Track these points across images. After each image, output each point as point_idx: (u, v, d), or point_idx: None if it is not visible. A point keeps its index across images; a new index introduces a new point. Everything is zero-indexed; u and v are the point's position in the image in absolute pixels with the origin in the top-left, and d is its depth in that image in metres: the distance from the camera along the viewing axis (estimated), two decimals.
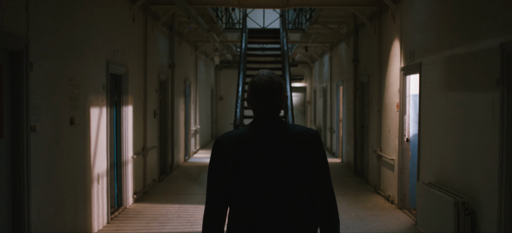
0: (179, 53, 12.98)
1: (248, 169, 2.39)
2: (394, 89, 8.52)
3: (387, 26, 9.05)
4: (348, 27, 12.75)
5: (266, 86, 2.42)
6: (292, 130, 2.46)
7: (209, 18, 12.54)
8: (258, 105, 2.46)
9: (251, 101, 2.48)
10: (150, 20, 9.75)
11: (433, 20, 6.72)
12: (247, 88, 2.54)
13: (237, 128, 2.69)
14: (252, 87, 2.45)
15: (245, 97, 2.59)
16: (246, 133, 2.45)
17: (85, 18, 6.47)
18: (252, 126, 2.47)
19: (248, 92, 2.50)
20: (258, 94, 2.43)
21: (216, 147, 2.46)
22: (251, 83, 2.46)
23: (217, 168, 2.43)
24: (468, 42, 5.57)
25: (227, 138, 2.45)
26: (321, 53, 18.33)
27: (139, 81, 9.13)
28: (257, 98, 2.44)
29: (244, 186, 2.39)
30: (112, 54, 7.54)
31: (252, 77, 2.49)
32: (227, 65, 22.71)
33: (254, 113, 2.49)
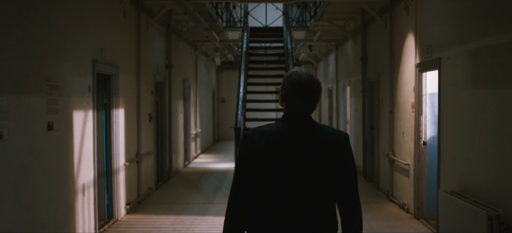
0: (177, 53, 12.31)
1: (278, 168, 2.37)
2: (408, 88, 7.81)
3: (400, 20, 8.35)
4: (355, 23, 12.05)
5: (308, 85, 2.42)
6: (324, 131, 2.45)
7: (209, 15, 11.87)
8: (295, 102, 2.44)
9: (288, 97, 2.45)
10: (143, 17, 9.08)
11: (455, 10, 6.02)
12: (283, 82, 2.49)
13: (251, 129, 2.55)
14: (292, 83, 2.43)
15: (280, 91, 2.51)
16: (280, 130, 2.43)
17: (66, 10, 5.80)
18: (285, 123, 2.45)
19: (285, 87, 2.47)
20: (299, 91, 2.41)
21: (246, 141, 2.44)
22: (291, 79, 2.44)
23: (246, 164, 2.41)
24: (499, 31, 4.87)
25: (259, 132, 2.42)
26: (326, 52, 17.63)
27: (131, 82, 8.46)
28: (297, 95, 2.42)
29: (272, 185, 2.38)
30: (100, 52, 6.87)
31: (290, 73, 2.46)
32: (228, 67, 22.06)
33: (287, 109, 2.47)
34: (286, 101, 2.46)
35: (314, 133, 2.43)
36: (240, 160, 2.44)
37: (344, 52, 14.07)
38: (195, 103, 15.49)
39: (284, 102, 2.48)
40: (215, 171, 12.82)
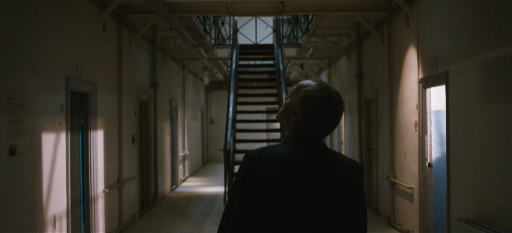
0: (164, 72, 11.70)
1: (292, 204, 1.88)
2: (411, 105, 7.27)
3: (399, 33, 7.83)
4: (349, 39, 11.55)
5: (340, 105, 2.01)
6: (341, 160, 2.01)
7: (196, 32, 11.32)
8: (320, 125, 1.99)
9: (311, 117, 1.97)
10: (125, 32, 8.48)
11: (464, 19, 5.50)
12: (303, 96, 1.99)
13: (264, 147, 1.97)
14: (322, 101, 1.97)
15: (295, 104, 2.00)
16: (294, 155, 1.93)
17: (35, 19, 5.20)
18: (300, 147, 1.96)
19: (309, 103, 1.98)
20: (330, 113, 1.98)
21: (251, 165, 1.89)
22: (320, 96, 1.97)
23: (248, 194, 1.87)
24: None
25: (269, 156, 1.90)
26: (318, 70, 17.13)
27: (112, 102, 7.83)
28: (326, 117, 1.98)
29: (283, 224, 1.87)
30: (75, 68, 6.26)
31: (315, 88, 2.00)
32: (218, 86, 21.49)
33: (303, 130, 1.99)
34: (307, 120, 1.99)
35: (333, 163, 1.99)
36: (244, 189, 1.89)
37: (337, 70, 13.56)
38: (182, 124, 14.86)
39: (301, 120, 1.99)
40: (204, 196, 12.14)
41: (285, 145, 1.97)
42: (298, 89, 2.04)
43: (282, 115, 2.05)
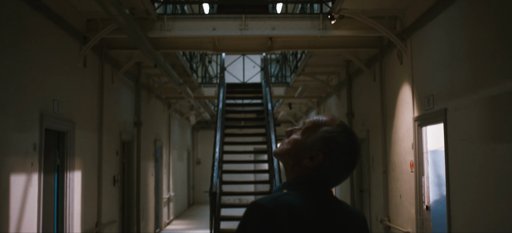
0: (148, 110, 11.33)
1: None
2: (406, 145, 6.95)
3: (392, 70, 7.59)
4: (339, 78, 11.33)
5: (360, 152, 1.70)
6: (350, 211, 1.72)
7: (182, 70, 11.02)
8: (339, 172, 1.67)
9: (334, 163, 1.65)
10: (108, 68, 8.14)
11: (462, 53, 5.24)
12: (326, 138, 1.65)
13: (272, 193, 1.62)
14: (347, 146, 1.65)
15: (311, 144, 1.65)
16: (310, 207, 1.61)
17: (6, 52, 4.83)
18: (313, 195, 1.64)
19: (333, 148, 1.65)
20: (353, 160, 1.67)
21: (265, 218, 1.53)
22: (345, 139, 1.65)
23: None
24: None
25: (284, 206, 1.56)
26: (307, 110, 16.87)
27: (92, 141, 7.41)
28: (348, 165, 1.67)
29: None
30: (51, 104, 5.87)
31: (341, 130, 1.67)
32: (204, 126, 21.11)
33: (317, 176, 1.66)
34: (326, 166, 1.65)
35: (344, 215, 1.69)
36: None
37: (326, 109, 13.29)
38: (168, 164, 14.39)
39: (321, 165, 1.64)
40: None
41: (297, 193, 1.62)
42: (314, 126, 1.69)
43: (289, 154, 1.69)
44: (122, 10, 5.92)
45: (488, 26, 4.74)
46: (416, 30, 6.50)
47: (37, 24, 5.57)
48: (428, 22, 6.12)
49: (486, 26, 4.77)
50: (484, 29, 4.81)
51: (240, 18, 7.48)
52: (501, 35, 4.51)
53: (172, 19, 7.43)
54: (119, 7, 5.77)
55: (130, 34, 6.63)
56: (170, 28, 7.39)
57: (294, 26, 7.52)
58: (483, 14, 4.82)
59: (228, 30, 7.52)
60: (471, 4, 5.07)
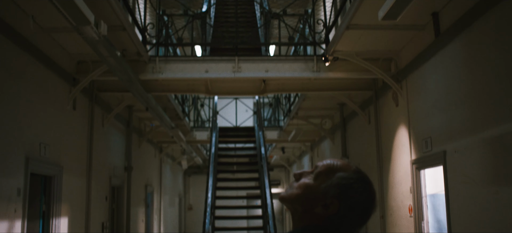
0: (139, 155, 11.10)
1: None
2: (403, 189, 6.77)
3: (387, 112, 7.48)
4: (333, 121, 11.21)
5: (376, 201, 1.54)
6: None
7: (174, 113, 10.88)
8: (354, 224, 1.49)
9: (350, 214, 1.47)
10: (98, 111, 7.97)
11: (460, 94, 5.14)
12: (342, 185, 1.49)
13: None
14: (364, 196, 1.49)
15: (338, 197, 1.46)
16: None
17: None
18: None
19: (350, 196, 1.47)
20: (370, 210, 1.51)
21: None
22: (362, 188, 1.49)
23: None
24: None
25: None
26: (300, 154, 16.70)
27: (80, 186, 7.17)
28: (363, 215, 1.50)
29: None
30: (38, 148, 5.66)
31: (358, 178, 1.50)
32: (197, 171, 20.82)
33: (332, 226, 1.48)
34: (341, 216, 1.48)
35: None
36: None
37: (320, 153, 13.12)
38: (159, 210, 14.04)
39: (335, 215, 1.47)
40: None
41: None
42: (329, 171, 1.52)
43: (300, 200, 1.51)
44: (114, 52, 5.80)
45: (485, 66, 4.66)
46: (412, 72, 6.42)
47: (26, 64, 5.43)
48: (424, 64, 6.05)
49: (483, 66, 4.69)
50: (481, 69, 4.73)
51: (233, 61, 7.40)
52: (499, 75, 4.42)
53: (164, 61, 7.33)
54: (110, 48, 5.65)
55: (121, 77, 6.50)
56: (162, 70, 7.28)
57: (287, 68, 7.44)
58: (480, 54, 4.75)
59: (221, 72, 7.42)
60: (467, 45, 5.00)
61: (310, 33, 8.02)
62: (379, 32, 6.19)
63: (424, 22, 5.89)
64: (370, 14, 5.52)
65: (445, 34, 5.41)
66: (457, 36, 5.14)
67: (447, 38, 5.36)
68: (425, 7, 5.52)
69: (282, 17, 8.41)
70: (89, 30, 4.85)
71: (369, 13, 5.51)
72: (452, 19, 5.26)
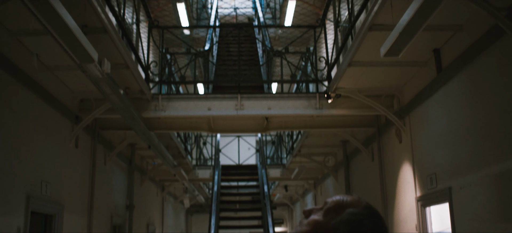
0: (141, 193, 11.02)
1: None
2: (409, 227, 6.66)
3: (391, 149, 7.44)
4: (336, 158, 11.16)
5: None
6: None
7: (177, 151, 10.85)
8: None
9: None
10: (100, 149, 7.95)
11: (464, 129, 5.11)
12: (352, 221, 1.43)
13: None
14: (375, 231, 1.42)
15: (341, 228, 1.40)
16: None
17: None
18: None
19: (359, 232, 1.41)
20: None
21: None
22: (372, 223, 1.42)
23: None
24: None
25: None
26: (303, 192, 16.56)
27: (81, 225, 7.08)
28: None
29: None
30: (39, 186, 5.62)
31: (368, 214, 1.43)
32: (199, 210, 20.63)
33: None
34: None
35: None
36: None
37: (323, 191, 13.01)
38: None
39: None
40: None
41: None
42: (338, 207, 1.47)
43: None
44: (117, 90, 5.82)
45: (489, 101, 4.64)
46: (415, 108, 6.42)
47: (28, 102, 5.44)
48: (426, 100, 6.05)
49: (487, 102, 4.68)
50: (485, 105, 4.71)
51: (236, 98, 7.40)
52: (503, 110, 4.40)
53: (167, 99, 7.35)
54: (113, 86, 5.67)
55: (124, 114, 6.51)
56: (165, 108, 7.29)
57: (290, 105, 7.44)
58: (483, 89, 4.74)
59: (224, 110, 7.42)
60: (469, 80, 5.01)
61: (312, 70, 8.06)
62: (381, 69, 6.21)
63: (425, 58, 5.92)
64: (372, 51, 5.55)
65: (447, 70, 5.43)
66: (459, 72, 5.15)
67: (449, 74, 5.37)
68: (426, 43, 5.56)
69: (284, 55, 8.47)
70: (92, 68, 4.87)
71: (371, 50, 5.54)
72: (453, 55, 5.28)
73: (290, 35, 13.99)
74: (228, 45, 14.50)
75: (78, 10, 4.56)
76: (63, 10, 3.68)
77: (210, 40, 12.21)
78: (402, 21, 4.06)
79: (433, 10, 3.75)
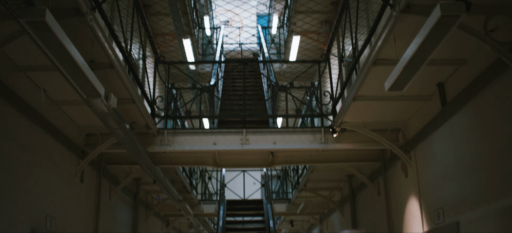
0: (146, 228, 10.95)
1: None
2: None
3: (397, 183, 7.40)
4: (342, 193, 11.10)
5: None
6: None
7: (182, 186, 10.83)
8: None
9: None
10: (105, 184, 7.95)
11: (471, 163, 5.09)
12: None
13: None
14: None
15: None
16: None
17: None
18: None
19: None
20: None
21: None
22: None
23: None
24: None
25: None
26: (309, 227, 16.39)
27: None
28: None
29: None
30: (43, 220, 5.61)
31: None
32: None
33: None
34: None
35: None
36: None
37: (330, 226, 12.88)
38: None
39: None
40: None
41: None
42: None
43: None
44: (123, 125, 5.85)
45: (494, 135, 4.64)
46: (420, 142, 6.41)
47: (34, 136, 5.48)
48: (432, 133, 6.04)
49: (492, 135, 4.67)
50: (490, 138, 4.70)
51: (241, 133, 7.42)
52: (509, 143, 4.39)
53: (172, 134, 7.37)
54: (119, 121, 5.70)
55: (129, 149, 6.53)
56: (170, 142, 7.31)
57: (295, 140, 7.44)
58: (488, 123, 4.74)
59: (229, 144, 7.43)
60: (474, 114, 5.01)
61: (317, 105, 8.10)
62: (386, 103, 6.24)
63: (430, 92, 5.94)
64: (376, 86, 5.58)
65: (452, 103, 5.44)
66: (464, 105, 5.17)
67: (454, 108, 5.39)
68: (430, 77, 5.59)
69: (289, 89, 8.52)
70: (99, 103, 4.91)
71: (375, 85, 5.58)
72: (457, 89, 5.31)
73: (295, 70, 14.13)
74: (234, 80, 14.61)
75: (86, 46, 4.63)
76: (72, 46, 3.75)
77: (215, 75, 12.32)
78: (406, 56, 4.10)
79: (436, 44, 3.79)
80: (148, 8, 10.95)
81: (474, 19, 4.21)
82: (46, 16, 3.27)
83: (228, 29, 21.18)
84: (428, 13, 3.70)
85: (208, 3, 17.02)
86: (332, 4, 11.04)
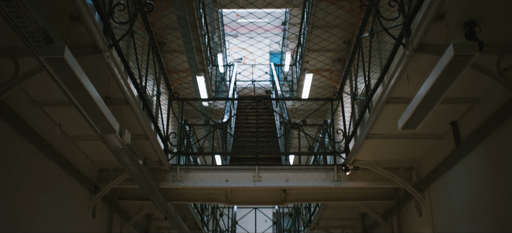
0: None
1: None
2: None
3: (411, 222, 7.30)
4: (355, 232, 10.94)
5: None
6: None
7: (193, 222, 10.77)
8: None
9: None
10: (117, 219, 7.94)
11: (486, 202, 5.02)
12: None
13: None
14: None
15: None
16: None
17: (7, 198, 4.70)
18: None
19: None
20: None
21: None
22: None
23: None
24: None
25: None
26: None
27: None
28: None
29: None
30: None
31: None
32: None
33: None
34: None
35: None
36: None
37: None
38: None
39: None
40: None
41: None
42: None
43: None
44: (136, 160, 5.88)
45: (509, 173, 4.58)
46: (434, 180, 6.34)
47: (48, 170, 5.52)
48: (446, 172, 5.99)
49: (507, 174, 4.61)
50: (506, 177, 4.64)
51: (254, 170, 7.40)
52: None
53: (185, 170, 7.38)
54: (133, 157, 5.74)
55: (142, 185, 6.54)
56: (183, 179, 7.31)
57: (308, 177, 7.40)
58: (503, 161, 4.69)
59: (241, 181, 7.41)
60: (489, 152, 4.96)
61: (330, 142, 8.08)
62: (399, 141, 6.21)
63: (444, 131, 5.91)
64: (389, 124, 5.57)
65: (466, 142, 5.40)
66: (478, 144, 5.13)
67: (468, 146, 5.34)
68: (444, 116, 5.57)
69: (301, 127, 8.52)
70: (113, 139, 4.96)
71: (388, 123, 5.57)
72: (472, 127, 5.28)
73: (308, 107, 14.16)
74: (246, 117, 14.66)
75: (102, 82, 4.71)
76: (88, 82, 3.81)
77: (228, 112, 12.38)
78: (419, 95, 4.10)
79: (449, 83, 3.79)
80: (163, 46, 11.14)
81: (487, 58, 4.22)
82: (65, 53, 3.35)
83: (241, 66, 21.40)
84: (441, 52, 3.72)
85: (222, 42, 17.25)
86: (344, 42, 11.14)
